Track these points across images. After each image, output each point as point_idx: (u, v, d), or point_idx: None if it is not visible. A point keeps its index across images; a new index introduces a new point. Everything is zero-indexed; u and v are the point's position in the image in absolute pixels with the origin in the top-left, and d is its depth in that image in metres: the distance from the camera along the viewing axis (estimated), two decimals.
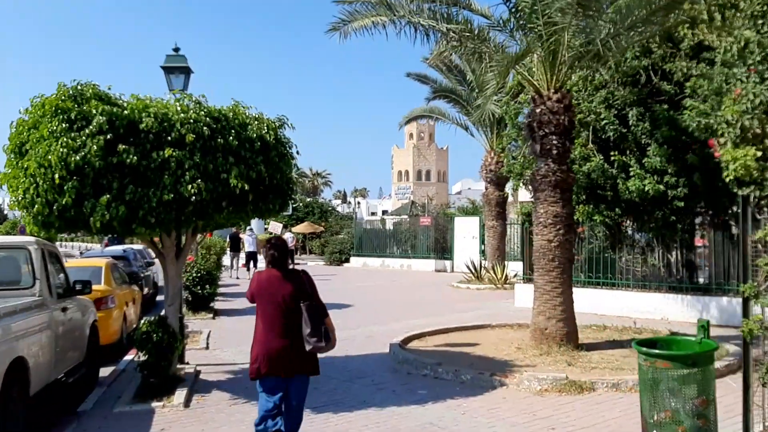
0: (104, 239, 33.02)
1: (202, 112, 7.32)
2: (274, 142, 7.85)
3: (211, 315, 15.05)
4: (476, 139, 23.16)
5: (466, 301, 17.81)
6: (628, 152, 13.54)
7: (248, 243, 28.43)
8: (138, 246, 25.71)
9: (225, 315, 15.54)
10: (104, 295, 11.16)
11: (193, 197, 6.91)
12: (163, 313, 8.57)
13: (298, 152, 8.45)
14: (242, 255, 30.58)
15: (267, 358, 5.32)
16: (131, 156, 6.79)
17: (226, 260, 31.38)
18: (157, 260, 20.88)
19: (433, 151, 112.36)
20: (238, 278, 27.43)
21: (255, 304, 5.56)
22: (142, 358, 8.09)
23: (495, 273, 21.50)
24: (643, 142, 13.30)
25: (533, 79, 10.33)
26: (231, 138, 7.29)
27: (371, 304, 17.49)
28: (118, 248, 19.99)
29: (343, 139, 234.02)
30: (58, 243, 60.76)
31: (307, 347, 5.31)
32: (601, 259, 14.81)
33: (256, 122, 7.81)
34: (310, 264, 37.29)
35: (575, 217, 14.45)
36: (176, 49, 9.96)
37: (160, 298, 16.45)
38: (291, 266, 5.80)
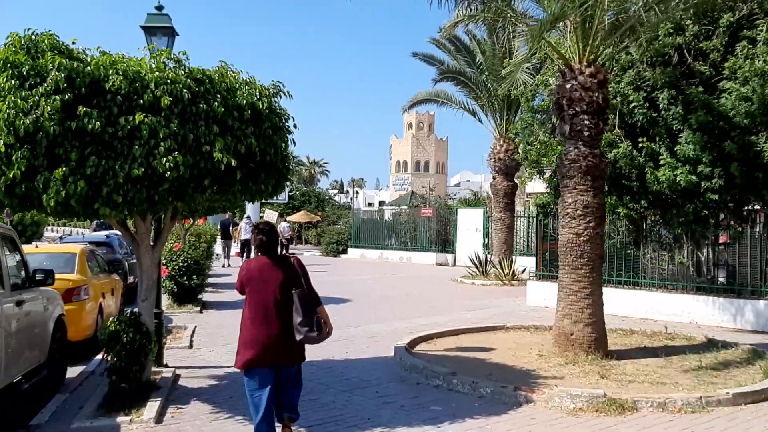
0: (93, 223, 31.86)
1: (182, 72, 6.13)
2: (267, 112, 6.65)
3: (198, 308, 13.88)
4: (484, 125, 21.99)
5: (473, 298, 16.65)
6: (657, 139, 12.35)
7: (244, 231, 27.51)
8: None
9: (214, 308, 14.38)
10: (76, 285, 10.01)
11: (168, 173, 5.71)
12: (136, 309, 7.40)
13: (295, 126, 7.25)
14: (234, 243, 29.59)
15: (256, 348, 5.19)
16: (94, 121, 5.59)
17: (218, 248, 30.44)
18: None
19: (432, 141, 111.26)
20: (230, 265, 26.37)
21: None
22: (110, 362, 6.90)
23: (502, 268, 20.34)
24: (674, 128, 12.12)
25: (563, 51, 9.15)
26: (216, 104, 6.09)
27: (371, 299, 16.33)
28: (101, 233, 18.80)
29: (340, 129, 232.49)
30: (48, 227, 59.43)
31: (298, 337, 5.21)
32: (623, 256, 13.64)
33: (246, 87, 6.62)
34: (306, 254, 36.17)
35: None
36: (159, 8, 8.73)
37: None
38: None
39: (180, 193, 6.10)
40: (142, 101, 5.82)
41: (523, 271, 20.69)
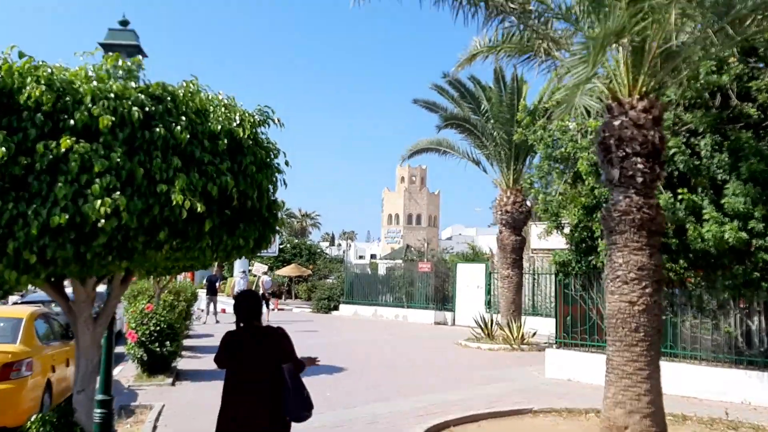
0: None
1: (132, 84, 4.52)
2: (250, 143, 5.05)
3: (170, 379, 11.97)
4: (489, 175, 20.48)
5: (483, 367, 14.81)
6: (700, 190, 10.86)
7: (238, 286, 25.75)
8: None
9: (189, 378, 12.48)
10: (16, 359, 8.21)
11: (105, 221, 4.05)
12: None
13: (287, 163, 5.65)
14: (219, 299, 27.85)
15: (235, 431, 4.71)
16: None
17: (202, 304, 28.62)
18: (122, 302, 17.82)
19: (425, 195, 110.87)
20: (218, 322, 24.54)
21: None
22: None
23: (510, 331, 18.53)
24: (719, 177, 10.65)
25: (609, 82, 7.66)
26: (178, 128, 4.47)
27: (368, 368, 14.47)
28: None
29: (332, 181, 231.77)
30: None
31: (289, 417, 4.76)
32: None
33: (223, 110, 5.02)
34: (296, 310, 34.28)
35: None
36: (123, 22, 7.20)
37: (120, 349, 13.39)
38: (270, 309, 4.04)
39: (124, 250, 4.41)
40: (73, 121, 4.19)
41: (534, 334, 18.90)
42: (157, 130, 4.37)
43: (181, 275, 34.61)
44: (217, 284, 27.75)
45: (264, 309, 27.99)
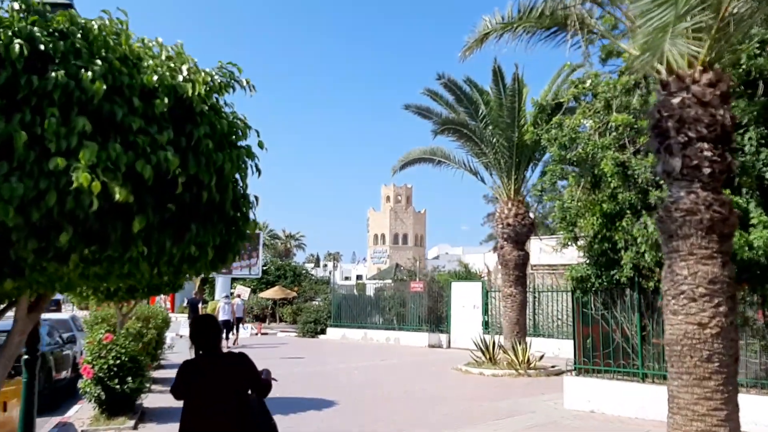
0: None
1: (17, 8, 2.97)
2: (204, 109, 3.49)
3: (132, 422, 10.26)
4: (487, 185, 18.96)
5: (490, 397, 13.20)
6: (744, 191, 9.45)
7: (222, 311, 24.12)
8: (61, 315, 20.92)
9: (156, 419, 10.80)
10: None
11: None
12: None
13: (261, 144, 4.08)
14: None
15: None
16: None
17: (185, 329, 26.96)
18: (83, 332, 16.00)
19: (411, 214, 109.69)
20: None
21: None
22: None
23: (515, 354, 16.95)
24: (767, 176, 9.27)
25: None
26: (89, 75, 2.91)
27: (362, 400, 12.82)
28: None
29: (316, 201, 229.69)
30: None
31: None
32: None
33: (166, 61, 3.48)
34: (280, 335, 32.56)
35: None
36: None
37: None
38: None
39: (6, 263, 2.83)
40: None
41: (541, 357, 17.37)
42: (54, 75, 2.81)
43: (161, 298, 32.81)
44: (200, 307, 26.07)
45: (239, 332, 26.45)
